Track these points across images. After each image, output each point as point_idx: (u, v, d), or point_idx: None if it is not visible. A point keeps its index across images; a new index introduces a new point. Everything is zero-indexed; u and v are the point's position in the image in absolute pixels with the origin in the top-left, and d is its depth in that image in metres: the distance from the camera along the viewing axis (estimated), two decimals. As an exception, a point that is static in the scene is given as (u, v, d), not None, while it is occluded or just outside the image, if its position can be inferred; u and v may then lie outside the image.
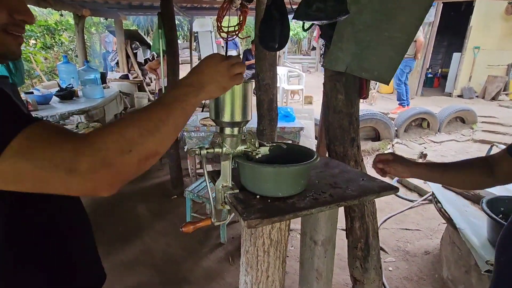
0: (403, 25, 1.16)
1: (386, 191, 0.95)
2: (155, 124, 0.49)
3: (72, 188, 0.43)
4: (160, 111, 0.51)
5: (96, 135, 0.44)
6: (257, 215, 0.75)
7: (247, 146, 0.83)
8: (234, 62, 0.62)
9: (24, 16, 0.53)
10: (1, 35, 0.51)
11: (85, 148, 0.43)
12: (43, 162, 0.41)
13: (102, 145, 0.43)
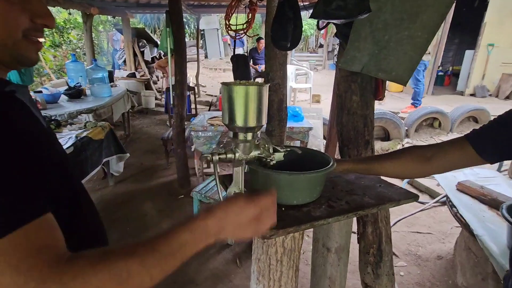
0: (425, 24, 1.11)
1: (406, 199, 0.90)
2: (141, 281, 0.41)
3: None
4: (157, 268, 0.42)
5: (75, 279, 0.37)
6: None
7: (261, 151, 0.79)
8: (264, 211, 0.53)
9: (45, 20, 0.49)
10: (21, 41, 0.47)
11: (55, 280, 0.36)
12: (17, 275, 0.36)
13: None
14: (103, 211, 2.66)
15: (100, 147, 2.70)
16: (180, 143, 2.93)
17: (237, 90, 0.70)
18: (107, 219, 2.54)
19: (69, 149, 2.17)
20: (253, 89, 0.70)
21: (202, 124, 2.79)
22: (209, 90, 7.78)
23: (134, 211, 2.69)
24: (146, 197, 2.90)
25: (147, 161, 3.78)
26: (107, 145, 2.83)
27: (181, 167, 2.97)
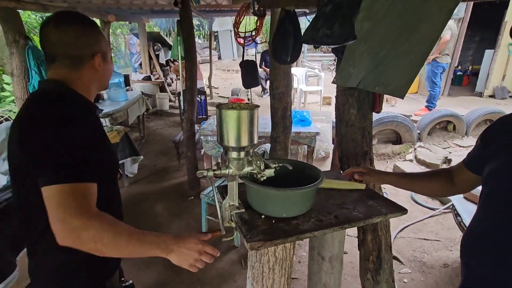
0: (422, 39, 1.13)
1: (393, 213, 0.94)
2: (122, 251, 0.69)
3: (57, 227, 0.64)
4: (136, 248, 0.70)
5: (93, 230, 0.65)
6: (260, 237, 0.78)
7: (253, 168, 0.86)
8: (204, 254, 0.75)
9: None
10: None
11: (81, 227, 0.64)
12: (64, 208, 0.65)
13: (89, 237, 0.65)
14: (117, 211, 2.81)
15: (115, 150, 2.84)
16: (191, 146, 3.04)
17: (230, 114, 0.77)
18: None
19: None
20: (245, 113, 0.77)
21: (212, 128, 2.88)
22: (221, 91, 7.90)
23: (146, 212, 2.82)
24: (158, 198, 3.03)
25: (160, 162, 3.92)
26: (122, 148, 2.98)
27: (191, 169, 3.07)
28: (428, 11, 1.03)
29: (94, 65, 0.83)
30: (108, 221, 0.69)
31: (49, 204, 0.65)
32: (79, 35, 0.81)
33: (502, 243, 0.70)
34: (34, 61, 2.75)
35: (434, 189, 1.00)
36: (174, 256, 0.73)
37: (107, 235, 0.66)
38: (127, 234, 0.69)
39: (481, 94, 6.34)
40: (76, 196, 0.66)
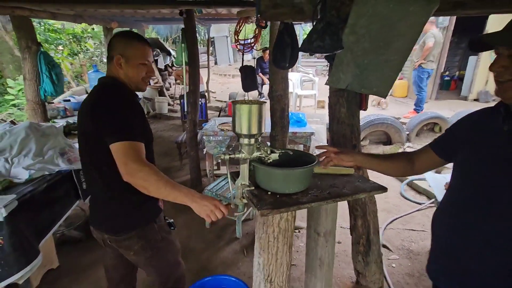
0: (398, 49, 1.34)
1: (376, 190, 1.14)
2: (161, 192, 1.02)
3: (122, 169, 1.02)
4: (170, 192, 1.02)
5: (144, 172, 1.01)
6: (268, 206, 0.97)
7: (261, 152, 1.05)
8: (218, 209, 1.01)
9: (151, 74, 1.24)
10: (139, 81, 1.22)
11: (137, 169, 1.01)
12: (126, 156, 1.02)
13: (141, 176, 1.01)
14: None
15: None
16: (193, 146, 3.22)
17: (243, 108, 0.97)
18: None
19: (98, 151, 2.47)
20: (255, 107, 0.97)
21: (213, 129, 3.07)
22: (219, 96, 8.11)
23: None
24: (162, 196, 3.19)
25: (162, 163, 4.08)
26: (127, 148, 3.15)
27: (194, 168, 3.25)
28: (402, 27, 1.25)
29: (116, 63, 1.15)
30: (154, 168, 1.02)
31: (116, 155, 1.01)
32: (116, 41, 1.18)
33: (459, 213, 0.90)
34: (45, 66, 2.91)
35: (396, 169, 1.14)
36: (196, 206, 1.00)
37: (152, 177, 0.99)
38: (166, 180, 1.01)
39: (466, 98, 6.67)
40: (134, 149, 1.02)
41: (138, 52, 1.17)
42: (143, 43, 1.19)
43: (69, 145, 2.30)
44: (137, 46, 1.17)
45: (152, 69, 1.24)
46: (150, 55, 1.23)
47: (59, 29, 8.50)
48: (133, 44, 1.17)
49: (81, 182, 2.24)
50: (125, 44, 1.16)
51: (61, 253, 2.21)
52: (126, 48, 1.16)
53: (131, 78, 1.18)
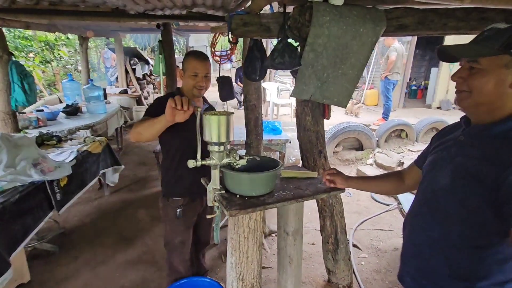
0: (353, 64, 1.52)
1: (334, 191, 1.27)
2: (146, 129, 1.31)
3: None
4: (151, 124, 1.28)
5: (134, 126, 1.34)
6: (237, 207, 1.06)
7: (230, 159, 1.15)
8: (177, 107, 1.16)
9: (200, 83, 1.49)
10: (192, 88, 1.49)
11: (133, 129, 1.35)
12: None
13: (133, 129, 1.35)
14: (100, 218, 2.93)
15: (97, 160, 2.99)
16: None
17: (213, 118, 1.07)
18: (106, 225, 2.81)
19: (72, 161, 2.46)
20: (223, 117, 1.07)
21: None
22: (198, 104, 8.14)
23: (129, 218, 2.96)
24: (140, 205, 3.18)
25: (140, 172, 4.06)
26: (103, 158, 3.12)
27: (172, 177, 3.27)
28: (354, 46, 1.42)
29: (179, 75, 1.52)
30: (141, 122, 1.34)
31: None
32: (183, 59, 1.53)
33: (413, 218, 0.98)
34: (17, 75, 2.86)
35: (388, 188, 1.19)
36: (166, 113, 1.16)
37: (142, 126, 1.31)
38: (148, 122, 1.29)
39: (430, 106, 7.19)
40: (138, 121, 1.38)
41: (189, 66, 1.46)
42: (197, 59, 1.46)
43: (42, 155, 2.28)
44: (190, 61, 1.46)
45: (201, 80, 1.47)
46: (201, 68, 1.46)
47: (30, 36, 8.22)
48: (187, 59, 1.48)
49: (55, 193, 2.22)
50: (184, 60, 1.50)
51: (32, 267, 2.16)
52: (185, 62, 1.49)
53: (185, 86, 1.51)
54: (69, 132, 3.23)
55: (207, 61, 1.48)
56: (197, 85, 1.47)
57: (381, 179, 1.23)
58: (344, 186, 1.27)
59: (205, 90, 1.53)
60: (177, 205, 1.54)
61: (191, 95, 1.50)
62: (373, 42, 1.49)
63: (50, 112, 3.46)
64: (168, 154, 1.56)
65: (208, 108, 1.64)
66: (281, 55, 1.15)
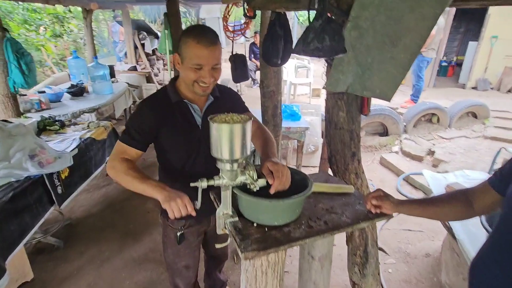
0: (407, 46, 1.15)
1: (379, 217, 0.99)
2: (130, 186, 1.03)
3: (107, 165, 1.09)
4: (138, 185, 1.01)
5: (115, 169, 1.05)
6: (254, 246, 0.81)
7: (246, 177, 0.87)
8: (183, 204, 0.92)
9: (204, 79, 1.04)
10: (192, 84, 1.06)
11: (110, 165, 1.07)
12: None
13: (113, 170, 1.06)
14: (107, 209, 2.79)
15: (103, 146, 2.79)
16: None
17: (223, 128, 0.78)
18: (112, 217, 2.67)
19: (74, 151, 2.26)
20: (238, 127, 0.78)
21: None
22: (210, 82, 7.77)
23: (137, 208, 2.81)
24: (149, 194, 3.02)
25: (149, 156, 3.88)
26: (110, 144, 2.92)
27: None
28: (411, 20, 1.05)
29: (175, 62, 1.09)
30: (126, 165, 1.03)
31: None
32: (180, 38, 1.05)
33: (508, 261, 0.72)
34: (13, 54, 2.62)
35: (452, 215, 0.94)
36: (162, 196, 0.94)
37: (120, 174, 1.03)
38: (134, 175, 1.01)
39: (464, 85, 6.52)
40: (116, 148, 1.10)
41: (190, 52, 1.01)
42: (201, 43, 0.99)
43: (41, 145, 2.08)
44: (190, 46, 1.00)
45: (207, 74, 1.03)
46: (207, 58, 1.01)
47: (39, 9, 7.92)
48: (187, 42, 1.01)
49: (55, 186, 2.05)
50: (182, 41, 1.02)
51: (36, 264, 2.06)
52: (184, 46, 1.02)
53: (183, 79, 1.09)
54: (73, 115, 3.03)
55: (216, 45, 1.01)
56: (200, 81, 1.03)
57: (443, 203, 0.95)
58: (390, 212, 0.98)
59: (212, 86, 1.09)
60: (177, 227, 1.25)
61: (191, 93, 1.10)
62: (436, 15, 1.11)
63: (53, 94, 3.25)
64: (165, 167, 1.22)
65: (215, 104, 1.16)
66: (319, 37, 0.81)
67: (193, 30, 1.03)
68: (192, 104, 1.13)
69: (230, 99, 1.24)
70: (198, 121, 1.14)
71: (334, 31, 0.82)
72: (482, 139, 4.09)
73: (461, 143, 4.00)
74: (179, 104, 1.12)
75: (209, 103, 1.17)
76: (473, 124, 4.45)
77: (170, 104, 1.10)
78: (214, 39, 1.01)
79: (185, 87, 1.11)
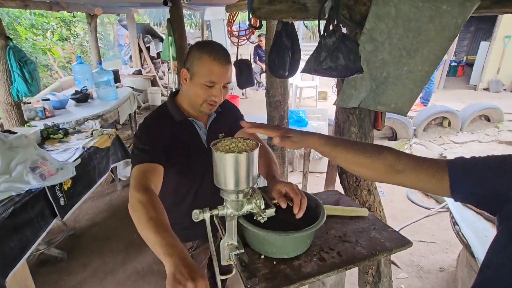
0: (426, 58, 1.07)
1: (398, 248, 0.91)
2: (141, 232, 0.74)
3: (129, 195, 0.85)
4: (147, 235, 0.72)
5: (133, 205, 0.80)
6: (262, 285, 0.74)
7: (253, 207, 0.81)
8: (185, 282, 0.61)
9: (215, 98, 1.00)
10: (201, 104, 1.02)
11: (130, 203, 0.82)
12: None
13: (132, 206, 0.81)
14: (111, 217, 2.76)
15: (107, 154, 2.76)
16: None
17: (228, 158, 0.71)
18: (116, 227, 2.63)
19: (76, 161, 2.22)
20: (243, 156, 0.71)
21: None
22: (215, 84, 7.73)
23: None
24: (153, 202, 2.97)
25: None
26: (114, 152, 2.89)
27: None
28: (431, 31, 0.97)
29: (182, 77, 1.02)
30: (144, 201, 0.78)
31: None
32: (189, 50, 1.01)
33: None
34: (16, 63, 2.60)
35: (371, 172, 0.72)
36: (170, 268, 0.64)
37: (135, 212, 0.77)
38: (148, 219, 0.73)
39: (476, 87, 6.34)
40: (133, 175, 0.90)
41: (202, 69, 0.96)
42: (216, 60, 0.95)
43: (43, 156, 2.04)
44: (204, 62, 0.95)
45: (218, 93, 0.98)
46: (221, 76, 0.97)
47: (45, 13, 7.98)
48: (201, 58, 0.96)
49: (57, 198, 2.01)
50: (193, 56, 0.98)
51: (39, 276, 2.03)
52: (194, 61, 0.97)
53: (190, 96, 1.02)
54: (77, 123, 3.00)
55: (230, 64, 0.99)
56: (210, 100, 0.99)
57: (369, 158, 0.71)
58: (298, 147, 0.77)
59: (219, 104, 1.04)
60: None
61: (195, 110, 1.05)
62: (458, 25, 1.03)
63: (57, 101, 3.24)
64: (168, 190, 1.09)
65: (218, 119, 1.11)
66: (333, 56, 0.73)
67: (207, 46, 0.98)
68: (196, 121, 1.09)
69: (230, 112, 1.20)
70: (204, 139, 1.10)
71: (349, 49, 0.74)
72: (496, 143, 3.95)
73: (474, 147, 3.87)
74: (184, 123, 1.06)
75: (213, 118, 1.13)
76: (486, 127, 4.30)
77: (173, 122, 1.05)
78: (228, 57, 0.99)
79: (189, 104, 1.05)
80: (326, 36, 0.78)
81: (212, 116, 1.12)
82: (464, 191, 0.64)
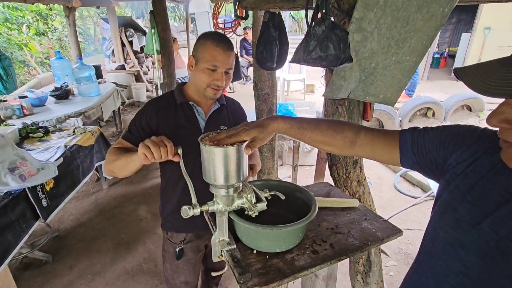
0: (413, 49, 1.07)
1: (389, 237, 0.92)
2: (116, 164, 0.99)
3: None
4: (122, 159, 0.97)
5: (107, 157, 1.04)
6: (255, 281, 0.72)
7: (243, 202, 0.79)
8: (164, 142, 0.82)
9: (217, 82, 1.05)
10: (205, 88, 1.08)
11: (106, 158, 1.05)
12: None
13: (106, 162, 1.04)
14: (98, 217, 2.68)
15: (91, 152, 2.67)
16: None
17: (217, 152, 0.69)
18: (103, 226, 2.56)
19: (58, 160, 2.13)
20: (232, 150, 0.69)
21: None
22: (201, 79, 7.60)
23: (130, 215, 2.71)
24: (141, 201, 2.91)
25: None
26: (98, 150, 2.80)
27: (175, 169, 2.96)
28: (418, 20, 0.97)
29: (189, 64, 1.10)
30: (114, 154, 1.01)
31: None
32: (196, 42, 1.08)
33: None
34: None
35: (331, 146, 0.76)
36: (141, 144, 0.82)
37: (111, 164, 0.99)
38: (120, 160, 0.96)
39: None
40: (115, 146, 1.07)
41: (206, 54, 1.03)
42: (218, 46, 1.02)
43: (22, 156, 1.94)
44: (207, 48, 1.02)
45: (220, 77, 1.05)
46: (223, 61, 1.03)
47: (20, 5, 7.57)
48: (204, 45, 1.04)
49: (39, 199, 1.93)
50: (199, 44, 1.06)
51: (23, 280, 1.95)
52: (200, 49, 1.05)
53: (195, 82, 1.09)
54: (58, 121, 2.88)
55: (232, 51, 1.05)
56: (213, 84, 1.05)
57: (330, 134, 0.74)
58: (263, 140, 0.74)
59: (222, 91, 1.10)
60: (177, 242, 1.22)
61: (202, 96, 1.11)
62: (444, 14, 1.03)
63: (36, 98, 3.09)
64: (168, 183, 1.19)
65: (220, 111, 1.16)
66: (322, 45, 0.72)
67: (212, 35, 1.06)
68: (197, 106, 1.13)
69: (235, 111, 1.23)
70: (202, 125, 1.13)
71: (339, 38, 0.73)
72: (477, 132, 4.08)
73: (457, 137, 3.98)
74: (184, 105, 1.12)
75: (215, 108, 1.16)
76: (468, 117, 4.44)
77: (174, 104, 1.11)
78: (230, 45, 1.05)
79: (194, 89, 1.12)
80: (315, 25, 0.76)
81: (215, 106, 1.16)
82: (410, 160, 0.69)
